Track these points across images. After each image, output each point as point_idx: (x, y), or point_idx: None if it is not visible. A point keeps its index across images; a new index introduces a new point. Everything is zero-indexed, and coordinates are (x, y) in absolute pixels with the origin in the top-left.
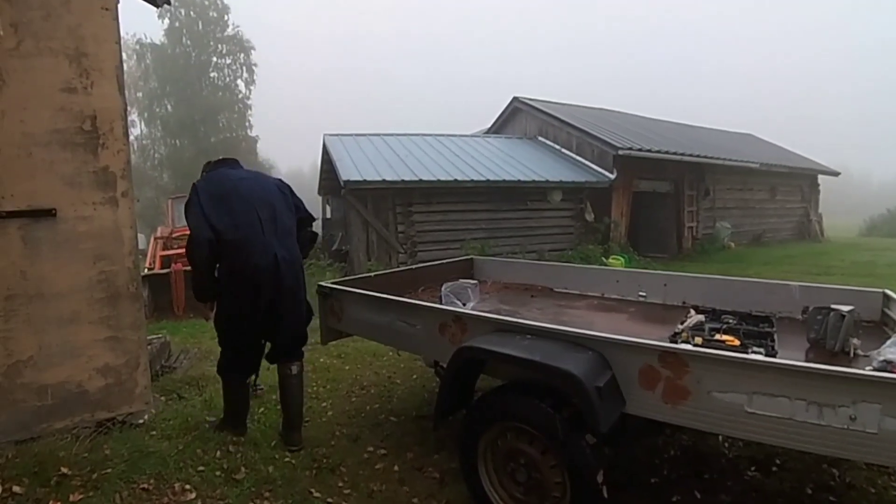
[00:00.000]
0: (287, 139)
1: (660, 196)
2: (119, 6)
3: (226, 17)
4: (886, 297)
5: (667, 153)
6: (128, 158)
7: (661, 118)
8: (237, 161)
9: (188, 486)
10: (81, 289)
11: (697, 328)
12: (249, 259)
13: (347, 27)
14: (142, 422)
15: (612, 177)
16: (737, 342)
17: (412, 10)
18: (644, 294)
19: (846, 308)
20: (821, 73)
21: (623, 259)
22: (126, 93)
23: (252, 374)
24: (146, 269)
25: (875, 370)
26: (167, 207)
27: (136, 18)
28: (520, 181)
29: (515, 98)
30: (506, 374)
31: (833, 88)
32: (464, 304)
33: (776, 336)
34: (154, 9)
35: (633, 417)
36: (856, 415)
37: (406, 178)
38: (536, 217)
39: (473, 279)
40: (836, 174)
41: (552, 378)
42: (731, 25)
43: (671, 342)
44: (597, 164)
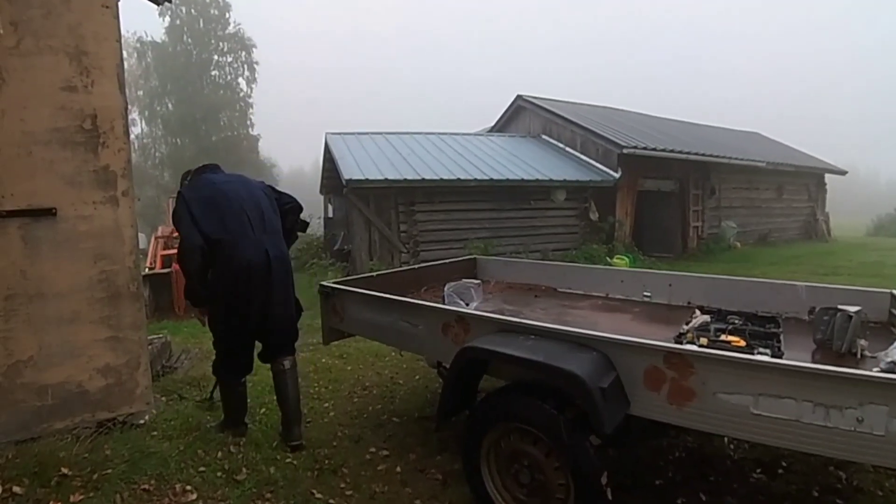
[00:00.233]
0: (289, 138)
1: (665, 195)
2: (119, 4)
3: (227, 15)
4: (894, 298)
5: (672, 152)
6: (128, 157)
7: (666, 116)
8: (218, 166)
9: (189, 487)
10: (82, 288)
11: (703, 329)
12: (243, 257)
13: (350, 25)
14: (142, 422)
15: (617, 176)
16: (742, 343)
17: (415, 8)
18: (649, 294)
19: (853, 309)
20: (827, 72)
21: (627, 259)
22: (127, 91)
23: (247, 374)
24: (147, 269)
25: (882, 371)
26: (168, 206)
27: (137, 16)
28: (523, 180)
29: (519, 96)
30: (509, 375)
31: (840, 86)
32: (467, 304)
33: (782, 337)
34: (155, 7)
35: (638, 419)
36: (863, 417)
37: (409, 177)
38: (540, 216)
39: (476, 279)
40: (844, 173)
41: (556, 379)
42: (737, 23)
43: (676, 343)
44: (601, 163)
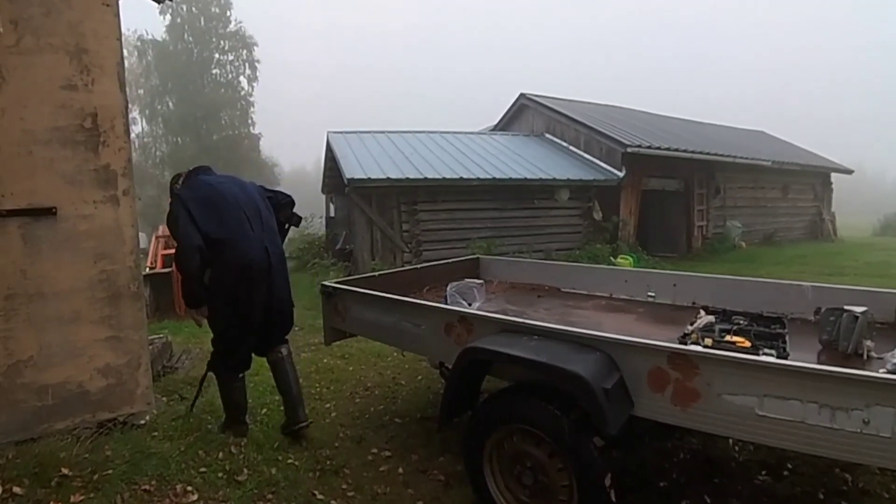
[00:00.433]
0: (290, 137)
1: (669, 194)
2: (120, 2)
3: (228, 13)
4: None
5: (676, 151)
6: (129, 156)
7: (671, 115)
8: (210, 168)
9: (190, 488)
10: (82, 288)
11: (707, 329)
12: (245, 256)
13: (352, 22)
14: (143, 422)
15: (621, 175)
16: (747, 344)
17: (417, 6)
18: (653, 294)
19: (859, 309)
20: (834, 70)
21: (632, 259)
22: (127, 90)
23: (246, 370)
24: (147, 269)
25: (889, 373)
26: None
27: (138, 14)
28: (527, 179)
29: (522, 94)
30: (512, 376)
31: (847, 85)
32: (469, 305)
33: (788, 337)
34: (155, 5)
35: (642, 420)
36: (869, 418)
37: (411, 176)
38: (543, 216)
39: (479, 279)
40: (850, 172)
41: (559, 380)
42: (742, 21)
43: (681, 343)
44: (605, 162)
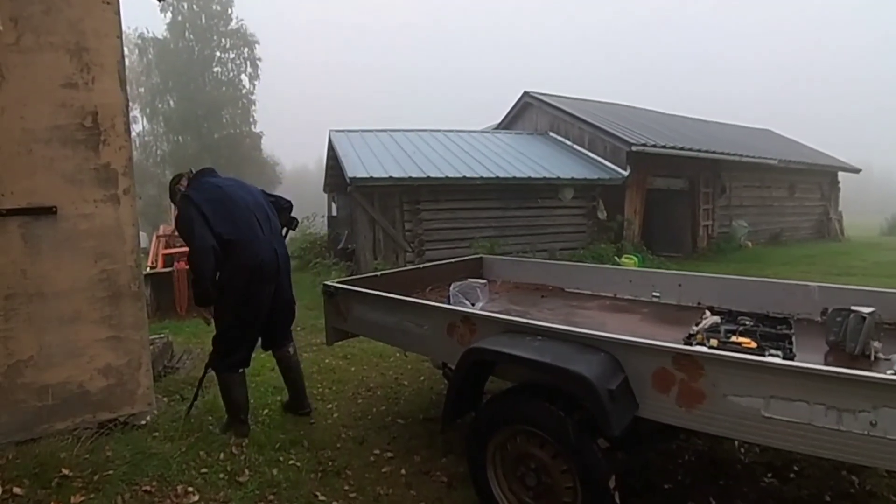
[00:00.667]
0: (292, 135)
1: (674, 193)
2: (120, 0)
3: (229, 11)
4: None
5: (682, 149)
6: (129, 155)
7: (676, 113)
8: (214, 170)
9: (191, 489)
10: (82, 288)
11: (713, 330)
12: (257, 257)
13: (354, 20)
14: (144, 423)
15: (626, 174)
16: (753, 344)
17: (420, 4)
18: (658, 294)
19: (867, 310)
20: (841, 68)
21: (636, 258)
22: (128, 88)
23: (245, 367)
24: (148, 268)
25: None
26: (170, 205)
27: (138, 12)
28: (530, 178)
29: (526, 93)
30: (515, 376)
31: (854, 83)
32: (473, 305)
33: (794, 338)
34: (156, 2)
35: (647, 421)
36: (876, 420)
37: (414, 175)
38: (547, 215)
39: (482, 279)
40: (857, 171)
41: (563, 380)
42: (748, 18)
43: (686, 344)
44: (609, 161)
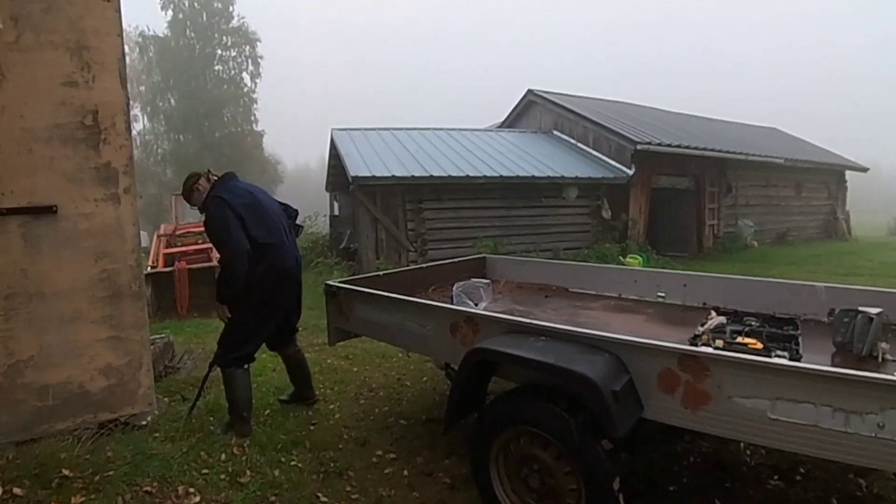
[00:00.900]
0: (294, 134)
1: (680, 193)
2: None
3: (230, 9)
4: None
5: (687, 148)
6: (130, 154)
7: (682, 111)
8: (236, 174)
9: (192, 490)
10: (83, 287)
11: (718, 330)
12: (285, 260)
13: (356, 17)
14: (145, 423)
15: (630, 172)
16: (759, 345)
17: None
18: (663, 295)
19: (874, 310)
20: (849, 65)
21: (641, 258)
22: (128, 87)
23: (251, 362)
24: (149, 268)
25: None
26: (171, 204)
27: (139, 10)
28: (534, 177)
29: (530, 91)
30: (519, 377)
31: (862, 80)
32: (476, 305)
33: (801, 339)
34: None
35: (651, 423)
36: (884, 422)
37: (416, 174)
38: (551, 214)
39: (486, 278)
40: (865, 170)
41: (567, 381)
42: (754, 14)
43: (691, 345)
44: (614, 160)
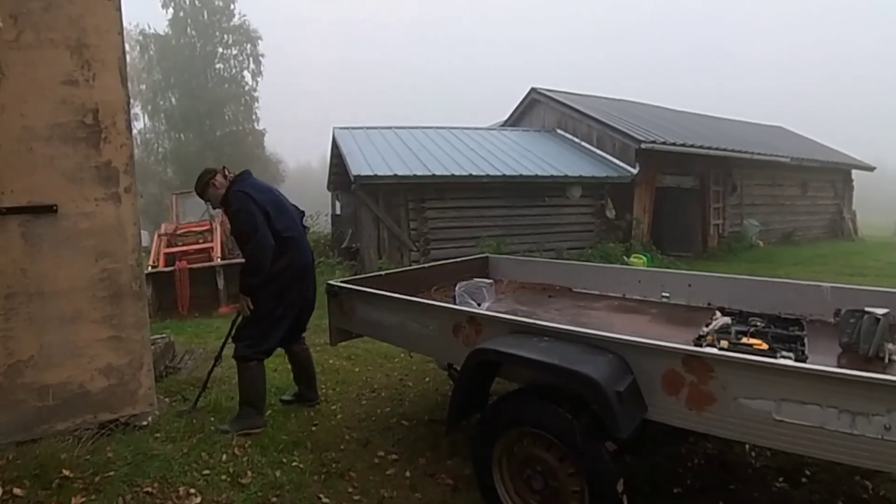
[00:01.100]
0: (295, 132)
1: (684, 192)
2: None
3: (232, 6)
4: None
5: (692, 147)
6: (131, 153)
7: (686, 110)
8: (251, 172)
9: (193, 490)
10: (83, 287)
11: (723, 331)
12: (304, 254)
13: (359, 15)
14: (145, 424)
15: (635, 171)
16: (765, 346)
17: None
18: (667, 295)
19: (881, 311)
20: (856, 63)
21: (645, 258)
22: (129, 85)
23: (268, 357)
24: (150, 267)
25: None
26: (172, 203)
27: (139, 8)
28: (537, 176)
29: (533, 89)
30: (522, 378)
31: (869, 78)
32: (478, 305)
33: (806, 340)
34: None
35: (656, 424)
36: (891, 424)
37: (419, 173)
38: (555, 214)
39: (489, 278)
40: (872, 169)
41: (570, 382)
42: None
43: (696, 345)
44: (618, 159)
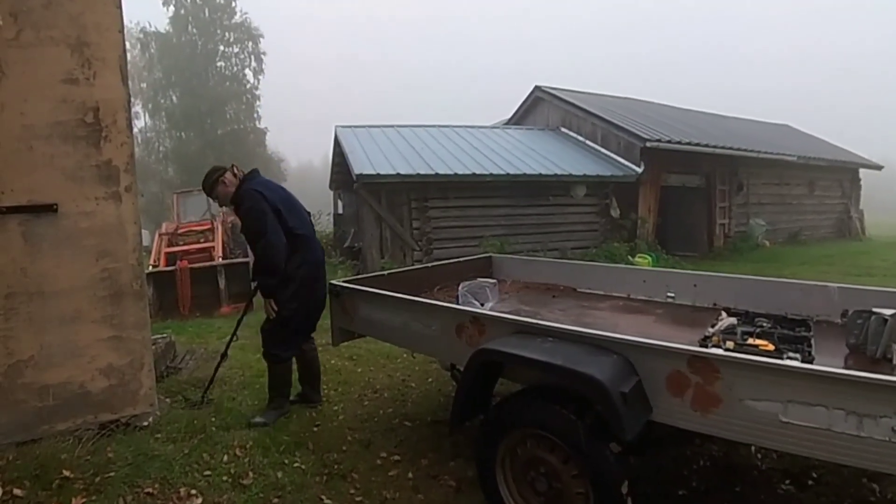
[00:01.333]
0: (297, 131)
1: (690, 191)
2: None
3: (233, 4)
4: None
5: (697, 145)
6: (131, 152)
7: (692, 108)
8: (259, 171)
9: (194, 491)
10: (83, 286)
11: (729, 332)
12: (317, 251)
13: (362, 12)
14: (146, 424)
15: (640, 170)
16: (771, 347)
17: None
18: (672, 295)
19: (888, 312)
20: (863, 60)
21: (650, 258)
22: (130, 83)
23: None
24: (150, 267)
25: None
26: (173, 202)
27: (140, 6)
28: (541, 175)
29: (537, 87)
30: (526, 379)
31: (876, 76)
32: (482, 305)
33: (813, 341)
34: None
35: (661, 425)
36: None
37: (422, 172)
38: (559, 213)
39: (492, 278)
40: (880, 168)
41: (575, 383)
42: (766, 7)
43: (701, 346)
44: (623, 157)
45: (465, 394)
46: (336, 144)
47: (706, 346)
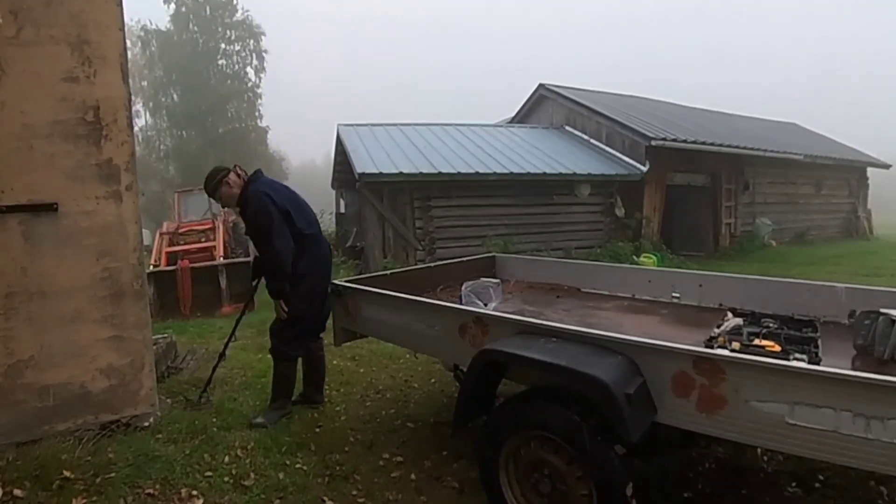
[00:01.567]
0: (299, 130)
1: (695, 190)
2: None
3: (234, 2)
4: None
5: (703, 144)
6: (132, 150)
7: (697, 106)
8: (262, 171)
9: (195, 492)
10: (84, 286)
11: (735, 332)
12: (325, 250)
13: (364, 10)
14: (147, 424)
15: (645, 169)
16: (777, 348)
17: None
18: (678, 295)
19: None
20: (871, 57)
21: (655, 257)
22: (130, 82)
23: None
24: (151, 267)
25: None
26: (173, 201)
27: (141, 4)
28: (545, 174)
29: (541, 85)
30: (529, 379)
31: (884, 74)
32: (485, 305)
33: (820, 342)
34: None
35: (666, 427)
36: None
37: (424, 171)
38: (563, 212)
39: (495, 278)
40: (887, 167)
41: (579, 384)
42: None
43: (707, 347)
44: (628, 156)
45: (469, 395)
46: (338, 143)
47: (712, 347)
